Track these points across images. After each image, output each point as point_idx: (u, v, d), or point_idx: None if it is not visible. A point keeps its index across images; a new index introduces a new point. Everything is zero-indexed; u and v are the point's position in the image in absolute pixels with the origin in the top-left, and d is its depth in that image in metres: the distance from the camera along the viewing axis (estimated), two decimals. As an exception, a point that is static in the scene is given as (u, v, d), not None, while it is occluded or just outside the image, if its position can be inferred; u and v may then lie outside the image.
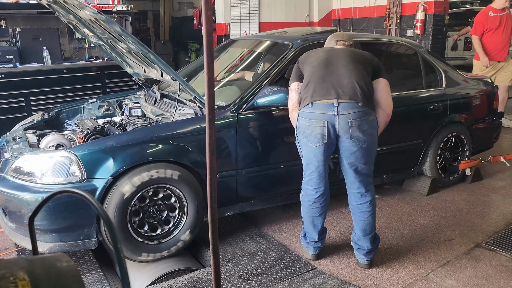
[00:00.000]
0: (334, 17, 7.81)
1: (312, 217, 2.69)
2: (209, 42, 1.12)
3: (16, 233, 2.61)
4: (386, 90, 2.67)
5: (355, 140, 2.47)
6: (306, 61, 2.71)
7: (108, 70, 5.65)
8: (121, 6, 5.82)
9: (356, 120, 2.44)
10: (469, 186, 4.10)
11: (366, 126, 2.47)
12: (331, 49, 2.75)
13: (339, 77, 2.53)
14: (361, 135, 2.46)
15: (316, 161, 2.56)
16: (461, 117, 3.96)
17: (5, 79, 4.93)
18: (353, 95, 2.45)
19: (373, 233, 2.68)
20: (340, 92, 2.47)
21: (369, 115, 2.49)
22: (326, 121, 2.46)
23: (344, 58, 2.60)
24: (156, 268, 2.67)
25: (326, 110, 2.47)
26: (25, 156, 2.61)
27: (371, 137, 2.51)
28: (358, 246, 2.71)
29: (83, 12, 2.73)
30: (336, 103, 2.45)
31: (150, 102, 3.47)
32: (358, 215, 2.64)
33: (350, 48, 2.78)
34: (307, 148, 2.58)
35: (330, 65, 2.59)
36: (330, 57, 2.63)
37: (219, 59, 3.94)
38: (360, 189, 2.60)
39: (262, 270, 2.66)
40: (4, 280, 0.50)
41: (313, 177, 2.61)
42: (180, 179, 2.68)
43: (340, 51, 2.69)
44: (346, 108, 2.45)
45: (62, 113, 3.72)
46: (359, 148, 2.49)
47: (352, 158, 2.53)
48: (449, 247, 2.99)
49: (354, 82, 2.48)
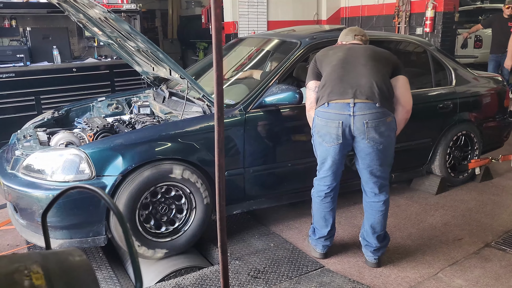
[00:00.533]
0: (342, 15, 7.78)
1: (324, 212, 2.69)
2: (218, 40, 1.12)
3: (27, 229, 2.65)
4: (406, 86, 2.62)
5: (371, 141, 2.44)
6: (324, 59, 2.66)
7: (117, 68, 5.69)
8: (130, 5, 5.85)
9: (372, 121, 2.41)
10: (478, 185, 4.07)
11: (383, 128, 2.44)
12: (350, 47, 2.69)
13: (357, 76, 2.49)
14: (377, 137, 2.44)
15: (330, 161, 2.56)
16: (471, 115, 3.93)
17: (15, 78, 4.98)
18: (371, 95, 2.42)
19: (383, 232, 2.67)
20: (357, 92, 2.43)
21: (386, 116, 2.45)
22: (341, 121, 2.44)
23: (364, 57, 2.56)
24: (165, 266, 2.69)
25: (341, 110, 2.44)
26: (35, 153, 2.64)
27: (388, 139, 2.48)
28: (366, 243, 2.70)
29: (93, 11, 2.75)
30: (352, 103, 2.42)
31: (159, 100, 3.49)
32: (370, 212, 2.64)
33: (370, 46, 2.73)
34: (321, 148, 2.57)
35: (349, 64, 2.55)
36: (349, 56, 2.59)
37: (227, 57, 3.95)
38: (374, 190, 2.60)
39: (269, 268, 2.67)
40: (18, 273, 0.51)
41: (328, 175, 2.61)
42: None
43: (359, 49, 2.65)
44: (363, 108, 2.41)
45: (72, 111, 3.75)
46: (375, 149, 2.46)
47: (367, 160, 2.51)
48: (458, 246, 2.97)
49: (373, 82, 2.45)
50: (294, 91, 2.83)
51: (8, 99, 4.97)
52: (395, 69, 2.62)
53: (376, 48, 2.71)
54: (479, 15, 9.12)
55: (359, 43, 2.77)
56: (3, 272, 0.50)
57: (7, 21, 5.30)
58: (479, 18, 8.66)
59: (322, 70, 2.65)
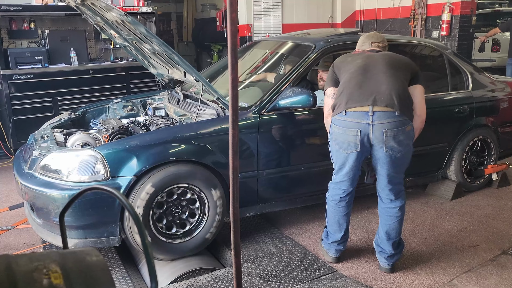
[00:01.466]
0: (357, 18, 7.74)
1: (338, 216, 2.67)
2: (233, 43, 1.13)
3: (43, 228, 2.69)
4: (422, 96, 2.60)
5: (389, 150, 2.42)
6: (343, 67, 2.63)
7: (132, 70, 5.76)
8: (146, 8, 5.92)
9: (391, 130, 2.38)
10: (495, 191, 4.00)
11: (402, 137, 2.41)
12: (369, 55, 2.65)
13: (376, 83, 2.45)
14: (396, 146, 2.41)
15: (348, 167, 2.54)
16: (487, 120, 3.87)
17: (34, 79, 5.07)
18: (390, 103, 2.38)
19: (397, 238, 2.65)
20: (376, 99, 2.39)
21: (406, 125, 2.42)
22: (360, 130, 2.41)
23: (383, 64, 2.53)
24: (177, 267, 2.70)
25: (360, 119, 2.41)
26: (52, 154, 2.68)
27: (406, 148, 2.46)
28: (380, 249, 2.68)
29: (110, 14, 2.79)
30: (371, 112, 2.39)
31: (173, 102, 3.51)
32: (385, 218, 2.61)
33: (389, 53, 2.68)
34: (339, 154, 2.55)
35: (368, 72, 2.51)
36: (368, 64, 2.55)
37: (242, 60, 3.96)
38: (390, 196, 2.58)
39: (282, 272, 2.66)
40: (37, 272, 0.52)
41: (344, 181, 2.60)
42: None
43: (378, 57, 2.61)
44: (382, 117, 2.38)
45: (88, 112, 3.80)
46: (393, 158, 2.44)
47: (385, 168, 2.49)
48: (474, 253, 2.92)
49: (392, 90, 2.41)
50: (308, 94, 2.82)
51: (26, 100, 5.07)
52: (413, 77, 2.60)
53: (395, 54, 2.67)
54: (497, 19, 9.00)
55: (377, 49, 2.73)
56: (23, 270, 0.51)
57: (27, 23, 5.40)
58: (497, 22, 8.55)
59: (340, 77, 2.63)
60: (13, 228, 3.39)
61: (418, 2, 6.56)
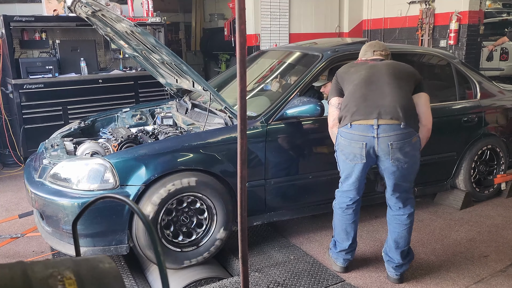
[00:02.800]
0: (364, 28, 7.76)
1: (346, 224, 2.66)
2: (242, 54, 1.15)
3: (52, 236, 2.71)
4: (427, 104, 2.60)
5: (395, 162, 2.42)
6: (346, 78, 2.64)
7: (141, 80, 5.81)
8: (155, 18, 5.99)
9: (397, 142, 2.38)
10: (505, 200, 3.96)
11: (408, 148, 2.41)
12: (372, 65, 2.64)
13: (381, 96, 2.45)
14: (402, 157, 2.41)
15: (354, 177, 2.55)
16: (496, 129, 3.85)
17: (44, 89, 5.14)
18: (395, 116, 2.38)
19: (406, 247, 2.63)
20: (381, 112, 2.40)
21: (412, 136, 2.42)
22: (365, 143, 2.42)
23: (386, 75, 2.53)
24: (185, 276, 2.71)
25: (365, 132, 2.42)
26: (62, 162, 2.71)
27: (413, 158, 2.46)
28: (389, 258, 2.66)
29: (120, 25, 2.84)
30: (376, 125, 2.39)
31: (182, 111, 3.54)
32: (394, 226, 2.60)
33: (392, 62, 2.67)
34: (345, 164, 2.57)
35: (372, 84, 2.51)
36: (372, 75, 2.55)
37: (249, 69, 3.98)
38: (398, 204, 2.58)
39: (289, 281, 2.65)
40: (52, 279, 0.53)
41: (351, 190, 2.61)
42: (209, 188, 2.71)
43: (381, 66, 2.60)
44: (387, 130, 2.39)
45: (97, 121, 3.85)
46: (399, 168, 2.44)
47: (392, 178, 2.49)
48: (484, 263, 2.89)
49: (397, 102, 2.41)
50: (315, 104, 2.84)
51: (36, 109, 5.13)
52: (417, 85, 2.60)
53: (398, 63, 2.67)
54: (505, 28, 8.97)
55: (380, 58, 2.73)
56: (38, 277, 0.53)
57: (38, 33, 5.49)
58: (505, 31, 8.52)
59: (344, 87, 2.64)
60: (22, 236, 3.42)
61: (426, 12, 6.56)
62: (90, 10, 2.95)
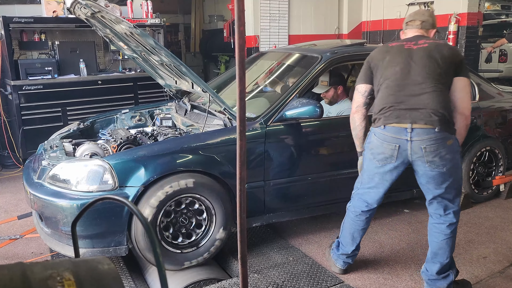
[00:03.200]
0: (364, 29, 7.77)
1: (354, 229, 2.62)
2: (241, 56, 1.15)
3: (51, 238, 2.71)
4: (465, 90, 2.39)
5: (431, 165, 2.29)
6: (380, 69, 2.46)
7: (140, 81, 5.81)
8: (154, 19, 5.99)
9: (430, 146, 2.27)
10: (503, 202, 3.97)
11: (444, 152, 2.28)
12: (408, 54, 2.40)
13: (415, 98, 2.31)
14: (438, 160, 2.28)
15: (378, 179, 2.46)
16: (495, 131, 3.86)
17: (43, 90, 5.14)
18: (429, 121, 2.26)
19: (446, 261, 2.44)
20: (415, 116, 2.28)
21: (447, 139, 2.28)
22: (398, 145, 2.33)
23: (423, 71, 2.33)
24: (183, 277, 2.71)
25: (398, 135, 2.32)
26: (61, 164, 2.71)
27: (451, 162, 2.30)
28: (424, 269, 2.54)
29: (119, 26, 2.84)
30: (409, 128, 2.29)
31: (181, 113, 3.55)
32: (433, 235, 2.47)
33: (429, 48, 2.38)
34: (371, 164, 2.46)
35: (407, 86, 2.35)
36: (407, 72, 2.36)
37: (249, 71, 3.99)
38: (438, 211, 2.43)
39: (288, 282, 2.65)
40: (51, 280, 0.53)
41: (370, 192, 2.52)
42: (208, 189, 2.72)
43: (417, 58, 2.37)
44: (421, 134, 2.27)
45: (97, 123, 3.85)
46: (438, 172, 2.30)
47: (432, 184, 2.35)
48: (482, 265, 2.89)
49: (432, 106, 2.27)
50: (314, 105, 2.84)
51: (36, 110, 5.13)
52: (457, 68, 2.38)
53: (436, 48, 2.38)
54: (504, 29, 8.99)
55: (418, 35, 2.50)
56: (37, 278, 0.53)
57: (37, 35, 5.50)
58: (504, 32, 8.54)
59: (375, 78, 2.49)
60: (21, 237, 3.42)
61: (424, 13, 6.59)
62: (89, 12, 2.95)
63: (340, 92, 3.60)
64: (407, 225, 3.51)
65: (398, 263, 2.92)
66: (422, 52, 2.38)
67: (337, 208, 3.34)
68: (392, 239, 3.27)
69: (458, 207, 2.44)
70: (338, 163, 3.22)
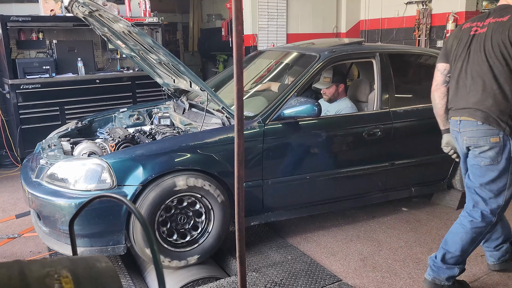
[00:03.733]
0: (362, 28, 7.78)
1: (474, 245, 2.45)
2: (239, 55, 1.15)
3: (50, 237, 2.71)
4: None
5: (475, 158, 2.33)
6: (451, 54, 2.45)
7: (138, 80, 5.81)
8: (152, 18, 5.98)
9: (470, 138, 2.30)
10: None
11: (486, 147, 2.26)
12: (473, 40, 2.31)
13: (468, 96, 2.32)
14: (477, 152, 2.30)
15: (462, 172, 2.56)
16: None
17: (41, 89, 5.13)
18: (472, 113, 2.28)
19: (452, 253, 2.41)
20: (464, 110, 2.34)
21: (490, 135, 2.24)
22: (455, 137, 2.45)
23: (481, 58, 2.25)
24: (182, 276, 2.71)
25: (453, 127, 2.43)
26: (59, 163, 2.71)
27: (493, 161, 2.27)
28: (433, 255, 2.52)
29: (117, 25, 2.84)
30: (458, 120, 2.37)
31: (179, 111, 3.54)
32: (454, 224, 2.48)
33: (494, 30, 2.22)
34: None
35: (465, 76, 2.34)
36: (467, 64, 2.33)
37: (247, 70, 3.99)
38: (468, 205, 2.43)
39: (287, 281, 2.66)
40: (49, 278, 0.53)
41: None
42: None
43: (481, 43, 2.26)
44: (465, 125, 2.33)
45: (95, 121, 3.84)
46: (475, 165, 2.33)
47: (470, 172, 2.39)
48: (480, 263, 2.90)
49: (480, 103, 2.25)
50: (312, 104, 2.84)
51: (33, 109, 5.12)
52: None
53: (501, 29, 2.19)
54: (502, 28, 8.99)
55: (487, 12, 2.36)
56: (35, 276, 0.53)
57: (35, 34, 5.49)
58: (502, 31, 8.54)
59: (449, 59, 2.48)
60: (19, 236, 3.42)
61: (423, 12, 6.58)
62: (87, 10, 2.95)
63: (341, 90, 3.60)
64: (405, 223, 3.52)
65: (396, 262, 2.93)
66: (488, 35, 2.25)
67: (336, 207, 3.35)
68: (391, 237, 3.27)
69: (491, 211, 2.35)
70: (336, 162, 3.22)
